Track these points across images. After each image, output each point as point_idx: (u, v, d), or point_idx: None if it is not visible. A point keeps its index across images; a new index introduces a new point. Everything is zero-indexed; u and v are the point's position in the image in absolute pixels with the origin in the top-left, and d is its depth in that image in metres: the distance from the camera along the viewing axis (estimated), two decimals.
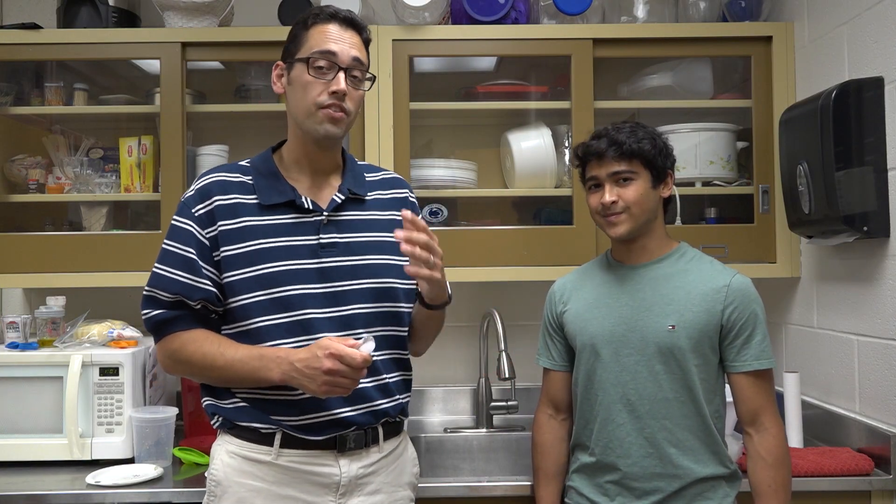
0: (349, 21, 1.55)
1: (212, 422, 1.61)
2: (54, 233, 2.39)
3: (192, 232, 1.54)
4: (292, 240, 1.54)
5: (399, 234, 1.44)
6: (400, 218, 1.50)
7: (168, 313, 1.54)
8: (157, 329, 1.56)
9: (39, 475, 2.00)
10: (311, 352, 1.42)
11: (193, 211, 1.55)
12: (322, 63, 1.51)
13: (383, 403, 1.58)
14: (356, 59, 1.54)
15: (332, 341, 1.41)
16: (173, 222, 1.57)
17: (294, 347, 1.49)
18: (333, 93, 1.51)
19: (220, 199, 1.55)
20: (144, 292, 1.56)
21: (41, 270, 2.28)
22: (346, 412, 1.53)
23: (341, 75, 1.51)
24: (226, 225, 1.54)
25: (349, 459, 1.54)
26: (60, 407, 2.09)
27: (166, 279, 1.53)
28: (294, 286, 1.53)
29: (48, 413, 2.10)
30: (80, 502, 1.87)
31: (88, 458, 2.07)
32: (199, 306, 1.54)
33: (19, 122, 2.49)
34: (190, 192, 1.58)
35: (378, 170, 1.74)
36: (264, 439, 1.53)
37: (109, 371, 2.09)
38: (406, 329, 1.66)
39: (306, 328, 1.53)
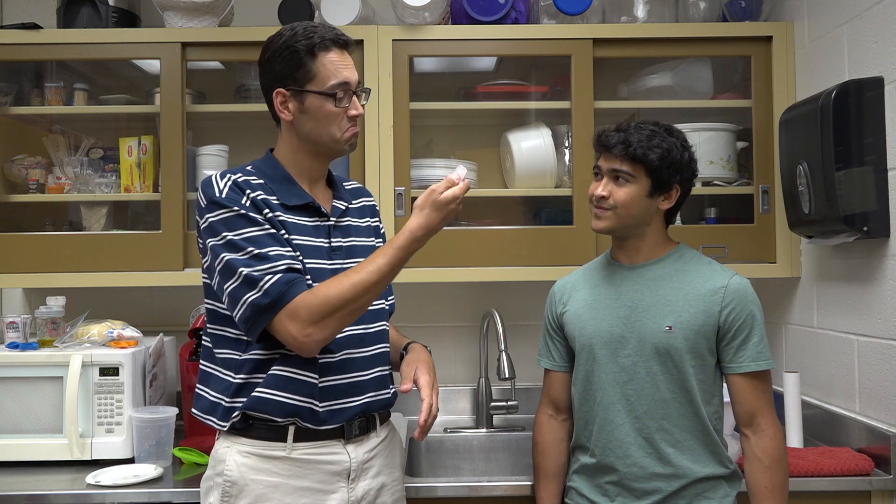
0: (346, 43, 1.62)
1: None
2: (54, 233, 2.40)
3: (254, 216, 1.53)
4: (312, 240, 1.61)
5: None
6: (373, 224, 1.75)
7: (285, 276, 1.48)
8: (276, 302, 1.47)
9: (39, 475, 2.00)
10: (422, 212, 1.52)
11: (243, 200, 1.54)
12: (341, 94, 1.59)
13: (384, 393, 1.68)
14: (358, 81, 1.64)
15: (434, 193, 1.52)
16: (226, 214, 1.52)
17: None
18: (353, 117, 1.62)
19: (252, 194, 1.56)
20: (248, 291, 1.47)
21: (41, 270, 2.28)
22: (364, 399, 1.62)
23: (356, 100, 1.63)
24: (268, 214, 1.56)
25: (355, 446, 1.62)
26: (60, 407, 2.09)
27: (268, 256, 1.49)
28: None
29: (48, 413, 2.10)
30: (80, 502, 1.87)
31: (88, 458, 2.07)
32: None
33: (19, 122, 2.49)
34: (224, 189, 1.54)
35: (347, 179, 1.84)
36: (277, 435, 1.57)
37: (109, 371, 2.09)
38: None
39: None
